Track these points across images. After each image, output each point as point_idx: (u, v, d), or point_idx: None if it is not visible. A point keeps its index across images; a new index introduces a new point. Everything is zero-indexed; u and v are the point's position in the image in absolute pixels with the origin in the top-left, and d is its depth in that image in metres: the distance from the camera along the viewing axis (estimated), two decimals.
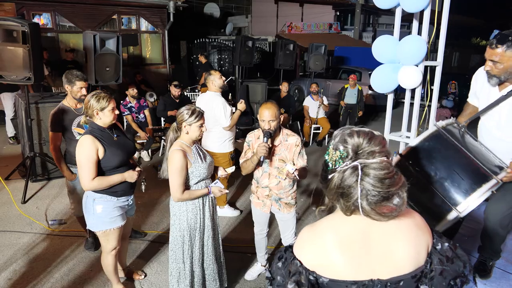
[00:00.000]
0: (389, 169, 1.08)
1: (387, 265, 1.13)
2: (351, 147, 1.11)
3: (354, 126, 1.19)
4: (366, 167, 1.07)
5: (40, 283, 3.07)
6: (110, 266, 2.77)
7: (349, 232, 1.14)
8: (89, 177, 2.40)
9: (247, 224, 4.08)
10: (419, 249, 1.15)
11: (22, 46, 4.19)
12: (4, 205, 4.41)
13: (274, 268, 1.21)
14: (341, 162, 1.11)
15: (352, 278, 1.11)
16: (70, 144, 3.28)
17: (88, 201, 2.54)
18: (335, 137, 1.17)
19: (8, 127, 6.86)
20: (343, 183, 1.10)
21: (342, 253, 1.11)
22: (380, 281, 1.12)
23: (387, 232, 1.13)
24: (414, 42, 2.65)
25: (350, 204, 1.09)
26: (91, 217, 2.57)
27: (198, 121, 2.46)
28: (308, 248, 1.15)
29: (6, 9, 7.82)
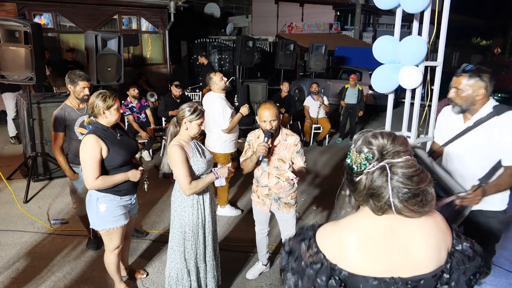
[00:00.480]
0: (415, 167, 1.12)
1: (408, 264, 1.15)
2: (376, 148, 1.13)
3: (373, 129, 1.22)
4: (393, 167, 1.10)
5: (43, 281, 3.09)
6: (113, 265, 2.79)
7: (371, 231, 1.17)
8: (93, 176, 2.42)
9: (248, 223, 4.09)
10: (439, 249, 1.18)
11: (24, 46, 4.21)
12: (7, 205, 4.43)
13: (292, 243, 1.26)
14: (367, 164, 1.13)
15: (373, 275, 1.14)
16: (73, 144, 3.30)
17: (92, 200, 2.56)
18: (356, 140, 1.20)
19: (10, 127, 6.88)
20: (373, 184, 1.12)
21: (362, 250, 1.15)
22: (401, 279, 1.14)
23: (409, 232, 1.16)
24: (414, 42, 2.67)
25: (382, 203, 1.12)
26: (94, 216, 2.59)
27: (198, 119, 2.49)
28: (331, 243, 1.19)
29: (7, 9, 7.84)
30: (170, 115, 6.14)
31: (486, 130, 2.12)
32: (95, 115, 2.56)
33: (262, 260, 3.31)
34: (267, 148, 2.63)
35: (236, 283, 3.18)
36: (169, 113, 6.12)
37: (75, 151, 3.29)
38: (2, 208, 4.35)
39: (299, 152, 2.78)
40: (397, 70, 2.80)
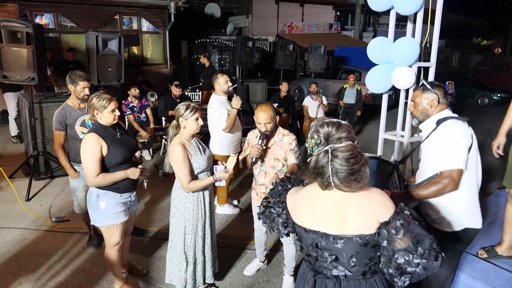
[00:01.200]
0: (353, 151, 1.37)
1: (336, 225, 1.45)
2: (322, 135, 1.41)
3: (326, 118, 1.51)
4: (334, 150, 1.36)
5: (45, 278, 3.15)
6: (113, 261, 2.85)
7: (313, 196, 1.51)
8: (94, 174, 2.49)
9: (246, 221, 4.15)
10: (368, 219, 1.43)
11: (26, 47, 4.28)
12: (9, 203, 4.50)
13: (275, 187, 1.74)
14: (315, 148, 1.42)
15: (307, 227, 1.51)
16: (74, 143, 3.37)
17: (92, 197, 2.63)
18: (310, 128, 1.49)
19: (11, 126, 6.96)
20: (318, 164, 1.40)
21: (304, 209, 1.53)
22: (327, 234, 1.47)
23: (344, 200, 1.44)
24: (407, 43, 2.73)
25: (324, 180, 1.39)
26: (95, 213, 2.65)
27: (193, 115, 2.56)
28: (291, 198, 1.62)
29: (9, 10, 7.92)
30: (170, 115, 6.21)
31: (428, 144, 2.18)
32: (92, 114, 2.62)
33: (259, 257, 3.37)
34: (260, 150, 2.71)
35: (234, 279, 3.24)
36: (169, 113, 6.19)
37: (76, 149, 3.35)
38: (4, 206, 4.42)
39: (292, 150, 2.82)
40: (390, 70, 2.86)
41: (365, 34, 20.38)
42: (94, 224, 2.73)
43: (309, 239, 1.52)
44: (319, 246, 1.48)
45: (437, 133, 2.10)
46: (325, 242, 1.47)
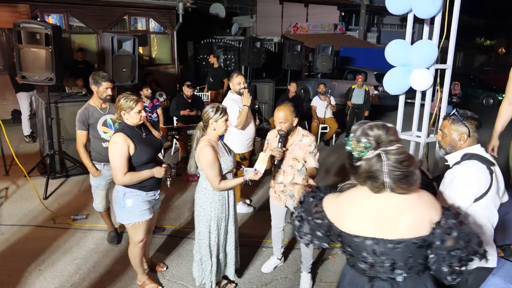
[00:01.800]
0: (405, 153, 1.37)
1: (391, 230, 1.42)
2: (373, 138, 1.38)
3: (369, 121, 1.47)
4: (388, 153, 1.36)
5: (68, 274, 3.23)
6: (137, 258, 2.93)
7: (361, 200, 1.46)
8: (122, 172, 2.56)
9: (261, 220, 4.23)
10: (420, 221, 1.43)
11: (45, 48, 4.36)
12: (27, 201, 4.58)
13: (306, 198, 1.65)
14: (365, 151, 1.38)
15: (358, 233, 1.45)
16: (95, 142, 3.45)
17: (119, 196, 2.70)
18: (355, 131, 1.44)
19: (24, 126, 7.04)
20: (371, 168, 1.38)
21: (352, 214, 1.47)
22: (383, 240, 1.43)
23: (396, 204, 1.42)
24: (425, 46, 2.79)
25: (379, 184, 1.38)
26: (121, 211, 2.73)
27: (223, 116, 2.64)
28: (331, 206, 1.55)
29: (21, 11, 8.00)
30: (181, 115, 6.29)
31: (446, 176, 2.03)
32: (119, 115, 2.70)
33: (277, 255, 3.44)
34: (281, 152, 2.83)
35: (252, 276, 3.31)
36: (180, 113, 6.27)
37: (97, 149, 3.43)
38: (23, 204, 4.50)
39: (312, 153, 2.90)
40: (408, 72, 2.92)
41: (370, 35, 20.42)
42: (120, 222, 2.80)
43: (363, 246, 1.45)
44: (376, 252, 1.44)
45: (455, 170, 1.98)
46: (382, 248, 1.43)
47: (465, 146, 2.03)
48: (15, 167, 5.54)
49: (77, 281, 3.15)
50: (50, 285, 3.09)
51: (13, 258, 3.42)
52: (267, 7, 19.64)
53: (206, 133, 2.69)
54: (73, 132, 5.09)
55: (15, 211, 4.33)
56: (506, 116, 2.62)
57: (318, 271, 3.41)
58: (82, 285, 3.10)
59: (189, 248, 3.66)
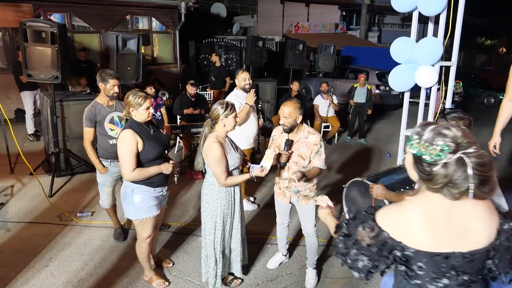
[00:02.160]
0: (485, 155, 1.24)
1: (466, 240, 1.30)
2: (451, 140, 1.24)
3: (432, 122, 1.34)
4: (470, 157, 1.22)
5: (76, 270, 3.26)
6: (144, 253, 2.96)
7: (435, 211, 1.30)
8: (130, 168, 2.59)
9: (266, 217, 4.26)
10: (491, 227, 1.34)
11: (50, 46, 4.39)
12: (33, 198, 4.61)
13: (350, 227, 1.41)
14: (443, 155, 1.23)
15: (436, 250, 1.29)
16: (102, 139, 3.47)
17: (127, 192, 2.73)
18: (420, 133, 1.30)
19: (28, 124, 7.07)
20: (454, 174, 1.23)
21: (427, 228, 1.28)
22: (460, 253, 1.29)
23: (467, 212, 1.31)
24: (430, 43, 2.82)
25: (461, 190, 1.24)
26: (129, 207, 2.75)
27: (232, 112, 2.66)
28: (394, 221, 1.33)
29: (24, 10, 8.03)
30: (185, 113, 6.31)
31: None
32: (127, 111, 2.72)
33: (282, 251, 3.47)
34: (287, 155, 2.87)
35: (258, 272, 3.34)
36: (184, 111, 6.29)
37: (104, 146, 3.46)
38: (29, 202, 4.53)
39: (318, 152, 2.91)
40: (414, 69, 2.95)
41: (371, 34, 20.45)
42: (128, 217, 2.83)
43: (437, 264, 1.30)
44: (455, 267, 1.30)
45: None
46: (459, 262, 1.30)
47: None
48: (19, 165, 5.58)
49: (85, 277, 3.17)
50: (57, 280, 3.12)
51: (21, 254, 3.45)
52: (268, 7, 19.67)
53: (214, 130, 2.72)
54: (78, 130, 5.16)
55: (21, 208, 4.36)
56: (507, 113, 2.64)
57: (323, 267, 3.44)
58: (90, 281, 3.13)
59: (195, 245, 3.69)
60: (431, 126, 1.30)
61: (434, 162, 1.25)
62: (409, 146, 1.35)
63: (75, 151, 5.30)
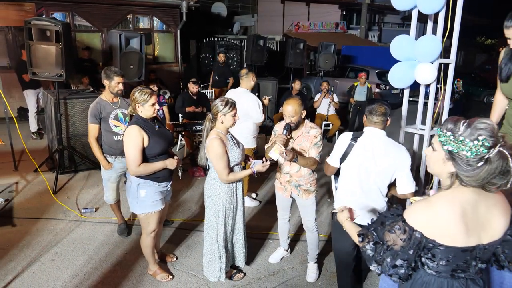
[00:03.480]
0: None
1: (488, 232, 1.36)
2: (489, 134, 1.25)
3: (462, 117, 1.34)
4: (507, 149, 1.25)
5: (81, 264, 3.32)
6: (148, 248, 3.02)
7: (463, 206, 1.32)
8: (136, 163, 2.65)
9: (268, 213, 4.32)
10: (507, 219, 1.39)
11: (55, 44, 4.44)
12: (37, 195, 4.67)
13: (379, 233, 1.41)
14: (484, 150, 1.25)
15: (465, 245, 1.32)
16: (107, 136, 3.53)
17: (133, 186, 2.78)
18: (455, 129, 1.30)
19: (31, 122, 7.13)
20: (500, 167, 1.25)
21: (457, 224, 1.31)
22: (483, 245, 1.35)
23: (490, 205, 1.35)
24: (430, 41, 2.87)
25: (506, 182, 1.27)
26: (135, 201, 2.81)
27: (232, 111, 2.71)
28: (426, 220, 1.34)
29: (27, 9, 8.09)
30: (187, 111, 6.37)
31: None
32: (133, 107, 2.78)
33: (283, 245, 3.52)
34: (284, 139, 2.82)
35: (260, 267, 3.39)
36: (186, 110, 6.35)
37: (109, 142, 3.52)
38: (34, 198, 4.59)
39: (316, 144, 2.96)
40: (413, 67, 3.00)
41: (371, 33, 20.49)
42: (134, 212, 2.89)
43: (463, 257, 1.34)
44: (477, 258, 1.36)
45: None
46: (480, 253, 1.35)
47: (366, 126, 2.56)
48: (23, 162, 5.64)
49: (90, 271, 3.23)
50: (63, 274, 3.17)
51: (27, 249, 3.51)
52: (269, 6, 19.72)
53: (215, 125, 2.77)
54: (81, 128, 5.22)
55: (26, 204, 4.42)
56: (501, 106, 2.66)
57: (324, 261, 3.50)
58: (95, 275, 3.19)
59: (198, 240, 3.74)
60: (464, 121, 1.31)
61: (475, 157, 1.26)
62: (440, 143, 1.34)
63: (79, 149, 5.36)
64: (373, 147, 2.47)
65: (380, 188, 2.51)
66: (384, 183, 2.50)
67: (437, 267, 1.37)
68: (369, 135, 2.52)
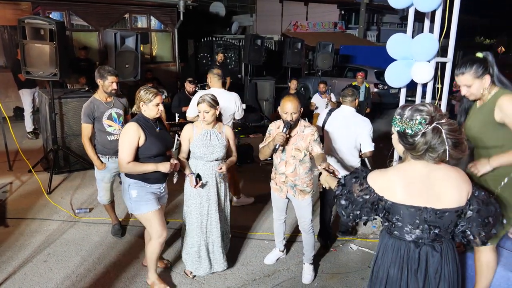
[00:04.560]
0: (455, 124, 1.54)
1: (438, 200, 1.60)
2: (426, 114, 1.52)
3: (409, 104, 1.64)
4: (444, 125, 1.50)
5: (74, 265, 3.28)
6: (154, 254, 2.88)
7: (412, 174, 1.61)
8: (127, 160, 2.61)
9: (263, 214, 4.29)
10: (460, 192, 1.62)
11: (49, 43, 4.40)
12: (31, 195, 4.63)
13: (347, 179, 1.78)
14: (421, 126, 1.51)
15: (411, 203, 1.59)
16: (100, 136, 3.49)
17: (124, 187, 2.75)
18: (401, 113, 1.59)
19: (27, 122, 7.08)
20: (432, 141, 1.52)
21: (404, 186, 1.60)
22: (432, 209, 1.59)
23: (441, 177, 1.61)
24: (426, 39, 2.84)
25: (439, 153, 1.53)
26: (128, 202, 2.77)
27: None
28: (380, 181, 1.68)
29: (23, 8, 8.04)
30: (183, 111, 6.32)
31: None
32: (137, 106, 2.72)
33: (279, 246, 3.48)
34: (284, 137, 2.81)
35: (255, 268, 3.36)
36: (182, 109, 6.30)
37: (103, 142, 3.48)
38: (27, 199, 4.54)
39: (316, 141, 2.93)
40: (410, 65, 2.97)
41: (369, 33, 20.47)
42: (132, 212, 2.85)
43: (412, 216, 1.61)
44: (427, 220, 1.60)
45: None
46: (431, 217, 1.59)
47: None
48: (18, 162, 5.60)
49: (83, 272, 3.19)
50: (56, 276, 3.13)
51: (19, 250, 3.46)
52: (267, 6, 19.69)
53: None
54: (76, 127, 5.18)
55: (20, 204, 4.38)
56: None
57: (320, 262, 3.46)
58: (88, 276, 3.14)
59: None
60: (409, 106, 1.59)
61: (415, 133, 1.53)
62: (393, 125, 1.63)
63: (74, 148, 5.31)
64: (343, 118, 3.43)
65: (350, 149, 3.41)
66: (352, 145, 3.39)
67: (395, 228, 1.67)
68: (342, 110, 3.49)
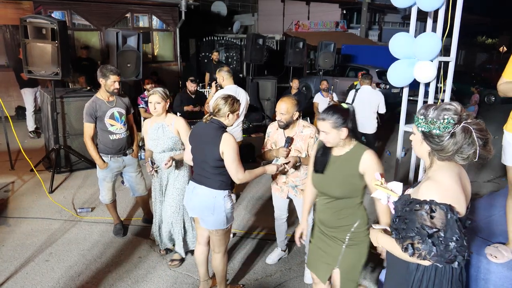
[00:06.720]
0: (482, 123, 1.50)
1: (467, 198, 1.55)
2: (454, 113, 1.47)
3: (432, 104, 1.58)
4: (472, 125, 1.46)
5: (75, 264, 3.28)
6: (226, 266, 2.80)
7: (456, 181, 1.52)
8: (242, 169, 2.51)
9: (264, 213, 4.28)
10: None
11: (51, 42, 4.40)
12: (33, 194, 4.63)
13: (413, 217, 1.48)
14: (449, 126, 1.46)
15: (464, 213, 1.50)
16: (103, 135, 3.48)
17: (219, 200, 2.57)
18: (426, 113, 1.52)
19: (29, 121, 7.09)
20: (463, 141, 1.46)
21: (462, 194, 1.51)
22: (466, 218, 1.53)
23: (465, 177, 1.59)
24: (429, 38, 2.82)
25: (470, 154, 1.47)
26: (222, 215, 2.58)
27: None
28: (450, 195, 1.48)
29: (25, 8, 8.04)
30: (185, 110, 6.32)
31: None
32: (221, 115, 2.57)
33: (281, 246, 3.48)
34: (287, 152, 2.80)
35: (257, 267, 3.35)
36: (184, 108, 6.30)
37: (105, 141, 3.47)
38: (29, 198, 4.55)
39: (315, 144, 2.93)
40: (412, 65, 2.96)
41: (371, 33, 20.43)
42: (217, 228, 2.60)
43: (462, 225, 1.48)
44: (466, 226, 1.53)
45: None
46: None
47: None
48: (20, 161, 5.61)
49: (84, 271, 3.19)
50: (57, 274, 3.13)
51: (21, 249, 3.47)
52: (269, 5, 19.67)
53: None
54: (78, 127, 5.18)
55: (22, 204, 4.39)
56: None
57: None
58: (89, 275, 3.14)
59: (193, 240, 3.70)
60: (432, 106, 1.53)
61: (442, 133, 1.48)
62: (416, 126, 1.57)
63: (75, 148, 5.32)
64: (367, 92, 5.59)
65: (372, 113, 5.63)
66: (374, 109, 5.61)
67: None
68: (365, 88, 5.65)
